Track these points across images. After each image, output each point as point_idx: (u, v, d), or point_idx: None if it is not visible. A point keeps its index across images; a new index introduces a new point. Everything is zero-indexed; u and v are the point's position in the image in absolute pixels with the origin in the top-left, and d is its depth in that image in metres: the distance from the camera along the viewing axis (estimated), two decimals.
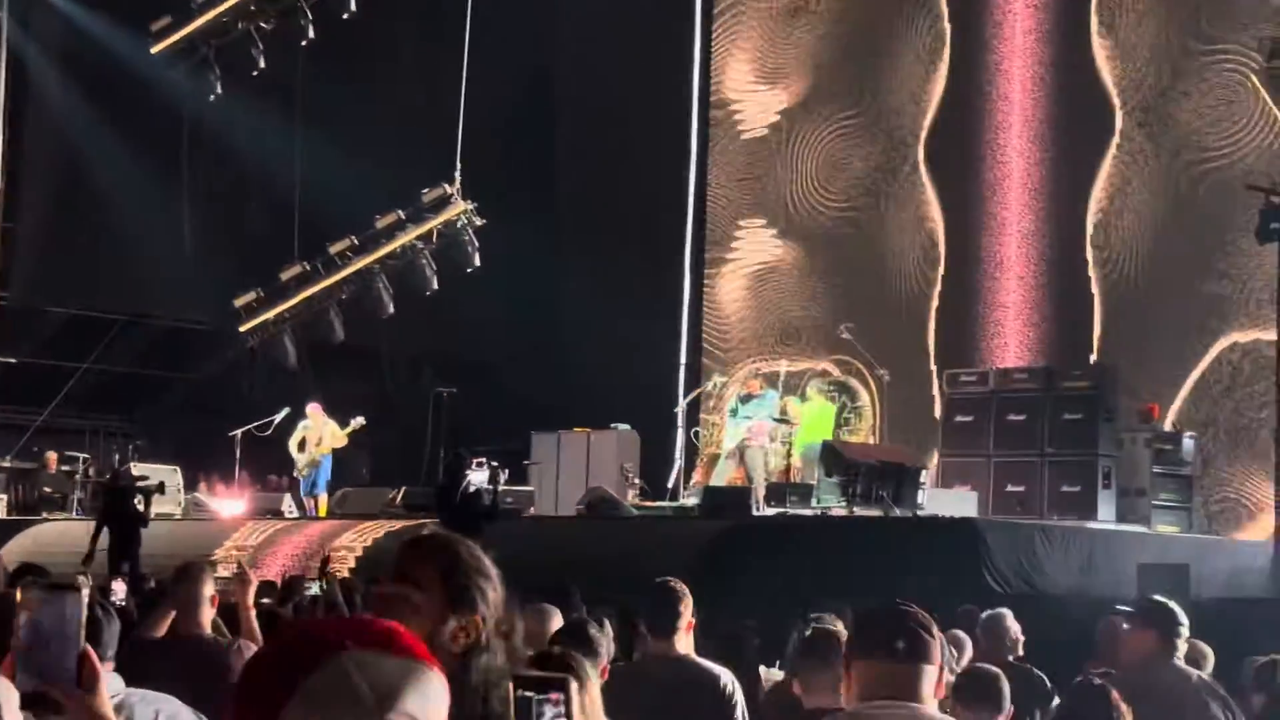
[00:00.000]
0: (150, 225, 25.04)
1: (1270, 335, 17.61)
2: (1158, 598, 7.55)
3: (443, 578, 2.95)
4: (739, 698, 6.15)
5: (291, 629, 1.96)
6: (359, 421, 21.61)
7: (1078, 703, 5.68)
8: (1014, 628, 8.90)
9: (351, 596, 8.94)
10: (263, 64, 24.57)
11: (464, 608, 2.93)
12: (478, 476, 15.62)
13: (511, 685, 2.08)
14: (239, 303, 25.41)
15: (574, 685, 2.06)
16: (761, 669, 7.49)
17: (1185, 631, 6.99)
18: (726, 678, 6.30)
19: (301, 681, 1.81)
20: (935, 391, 22.29)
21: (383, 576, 3.03)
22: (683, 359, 26.12)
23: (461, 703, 2.81)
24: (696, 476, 21.72)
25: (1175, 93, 22.04)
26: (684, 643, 6.42)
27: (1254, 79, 20.77)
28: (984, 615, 8.78)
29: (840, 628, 7.11)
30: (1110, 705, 5.49)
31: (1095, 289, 22.39)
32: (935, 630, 3.77)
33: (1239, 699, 7.67)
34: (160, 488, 19.31)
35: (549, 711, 2.03)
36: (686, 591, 6.53)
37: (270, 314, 25.41)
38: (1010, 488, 18.90)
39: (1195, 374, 21.17)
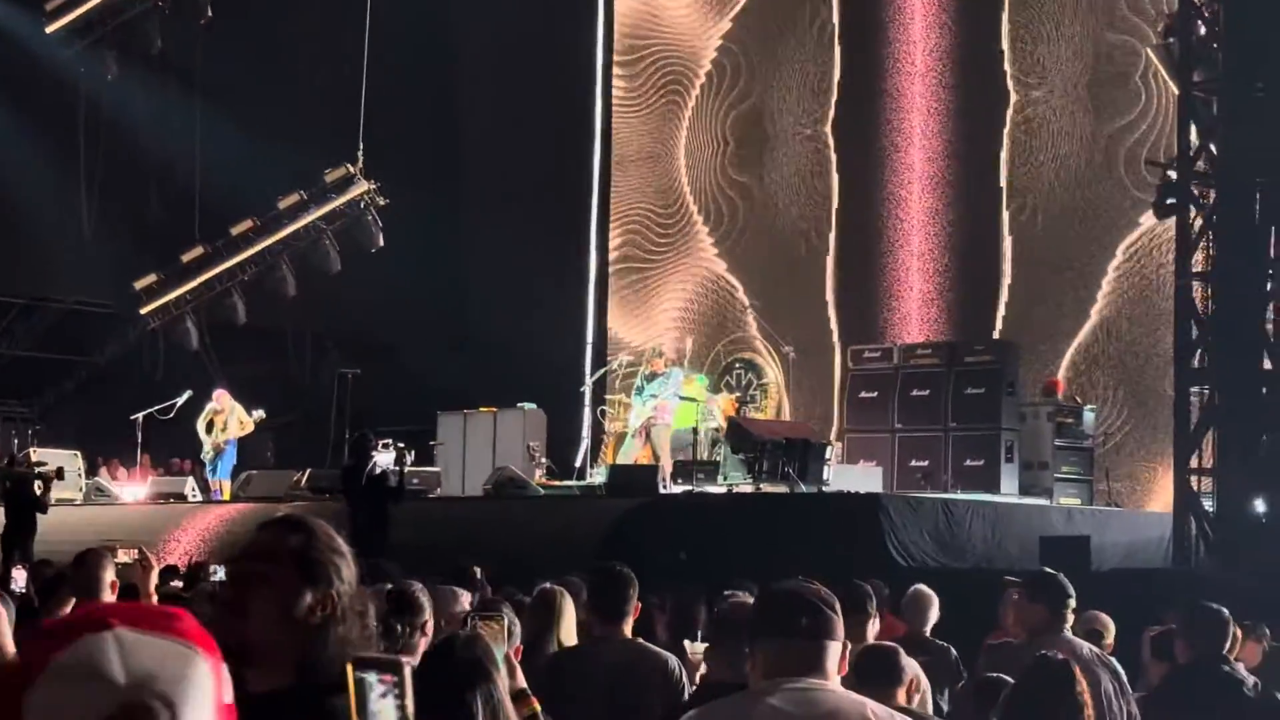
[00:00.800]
0: (47, 207, 24.69)
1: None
2: (1047, 570, 7.66)
3: (298, 553, 3.01)
4: (685, 681, 6.20)
5: (81, 608, 1.94)
6: (259, 414, 21.42)
7: (1037, 682, 5.70)
8: (929, 602, 9.02)
9: None
10: (161, 43, 24.28)
11: (319, 582, 2.98)
12: (384, 458, 15.55)
13: (350, 666, 2.08)
14: (140, 285, 25.12)
15: (407, 667, 2.08)
16: (686, 643, 7.54)
17: (1073, 603, 7.09)
18: (674, 661, 6.39)
19: (54, 657, 1.78)
20: (839, 368, 22.44)
21: (238, 553, 3.07)
22: (589, 338, 26.13)
23: (317, 673, 2.88)
24: (603, 456, 21.74)
25: (1079, 68, 22.26)
26: (630, 626, 6.52)
27: (1151, 54, 21.00)
28: (910, 591, 8.91)
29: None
30: (1074, 684, 5.54)
31: (1005, 264, 22.59)
32: (838, 607, 3.78)
33: (1138, 669, 7.79)
34: (59, 473, 19.05)
35: (380, 689, 2.06)
36: (633, 576, 6.64)
37: (172, 296, 25.14)
38: (914, 462, 19.04)
39: (1077, 341, 21.46)
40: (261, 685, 2.96)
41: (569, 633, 6.85)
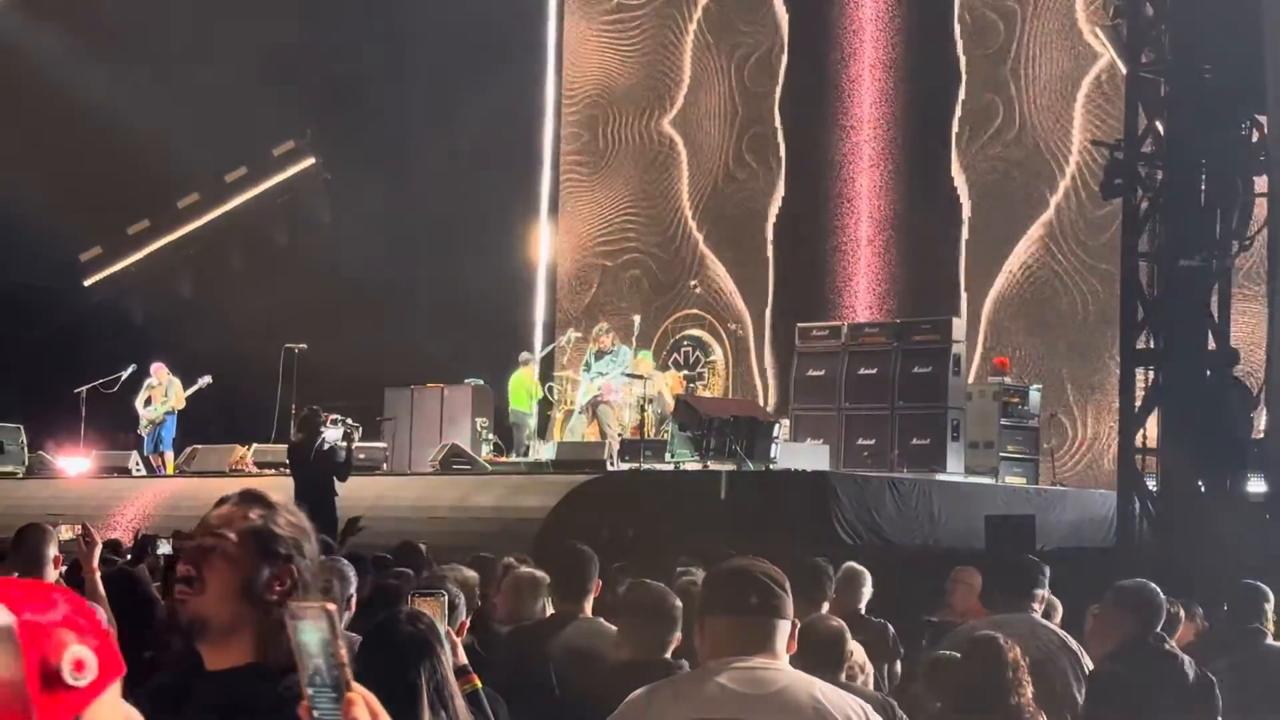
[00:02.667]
0: None
1: None
2: (1029, 557, 7.72)
3: (257, 528, 2.99)
4: None
5: None
6: (205, 381, 21.30)
7: (974, 661, 5.73)
8: (865, 581, 9.03)
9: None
10: (109, 13, 24.04)
11: (278, 558, 2.96)
12: (332, 434, 15.47)
13: (287, 615, 2.08)
14: (84, 257, 24.90)
15: (335, 612, 2.07)
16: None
17: (1040, 587, 7.20)
18: None
19: None
20: (765, 347, 22.48)
21: (198, 528, 3.05)
22: (539, 314, 26.09)
23: (276, 651, 2.86)
24: (551, 432, 21.72)
25: (1027, 45, 22.34)
26: (590, 605, 6.58)
27: (1099, 33, 21.08)
28: (842, 569, 8.89)
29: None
30: (1006, 661, 5.56)
31: (961, 243, 22.69)
32: (787, 585, 3.77)
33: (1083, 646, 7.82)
34: (0, 447, 18.89)
35: (309, 628, 2.06)
36: (594, 555, 6.71)
37: (116, 269, 24.93)
38: (861, 440, 19.09)
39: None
40: (218, 663, 2.93)
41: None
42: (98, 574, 6.31)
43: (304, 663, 2.07)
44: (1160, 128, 15.44)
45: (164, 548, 7.48)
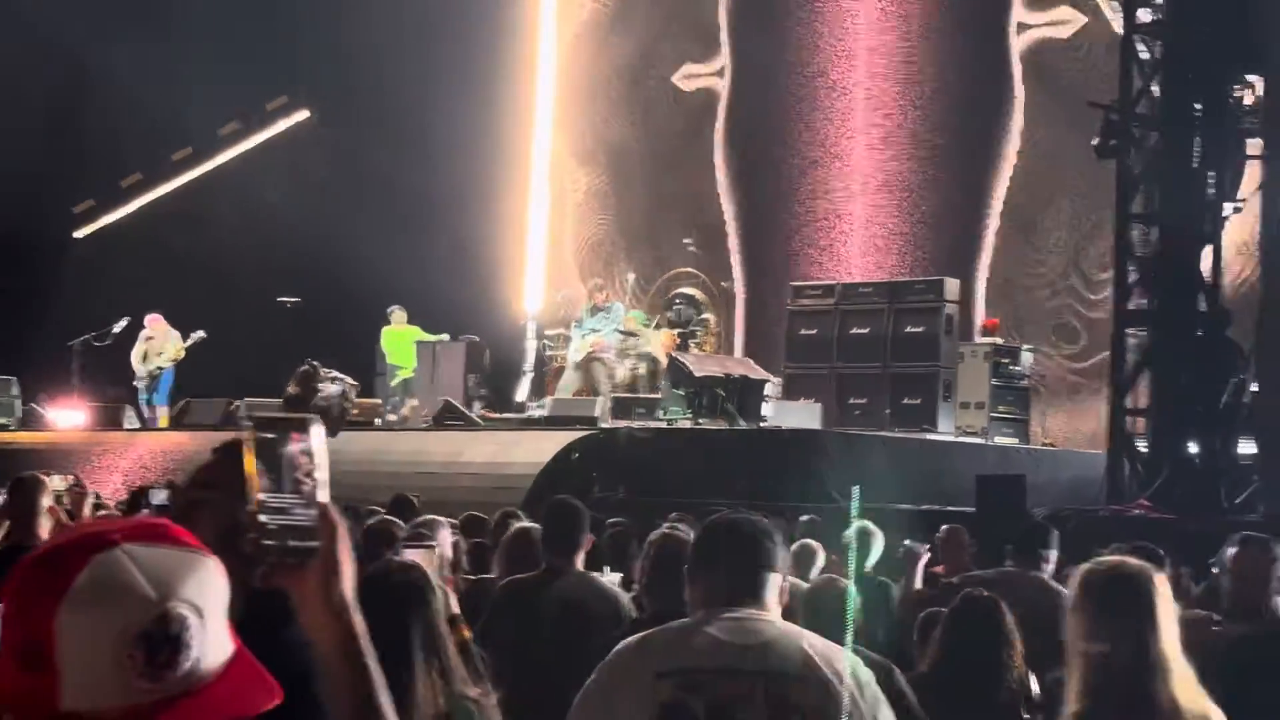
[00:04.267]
0: None
1: None
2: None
3: (244, 479, 3.00)
4: (634, 616, 6.24)
5: (65, 531, 1.92)
6: (200, 335, 21.30)
7: (965, 615, 5.78)
8: (879, 540, 9.15)
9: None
10: None
11: None
12: (330, 389, 15.50)
13: (253, 428, 1.98)
14: (77, 210, 24.86)
15: (316, 425, 1.99)
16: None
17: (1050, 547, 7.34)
18: (625, 596, 6.45)
19: (74, 580, 1.78)
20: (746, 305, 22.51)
21: (185, 478, 3.06)
22: (535, 268, 26.09)
23: (266, 604, 2.87)
24: (545, 389, 21.73)
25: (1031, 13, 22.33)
26: (581, 559, 6.62)
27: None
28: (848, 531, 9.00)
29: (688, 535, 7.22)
30: (1001, 620, 5.61)
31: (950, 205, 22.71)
32: (778, 537, 3.80)
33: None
34: None
35: (293, 446, 1.97)
36: (585, 509, 6.79)
37: (109, 221, 24.90)
38: (853, 400, 19.11)
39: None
40: None
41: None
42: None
43: (269, 474, 1.97)
44: (1155, 89, 15.44)
45: (158, 498, 7.50)
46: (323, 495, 1.97)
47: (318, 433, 1.99)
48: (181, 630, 1.78)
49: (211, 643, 1.83)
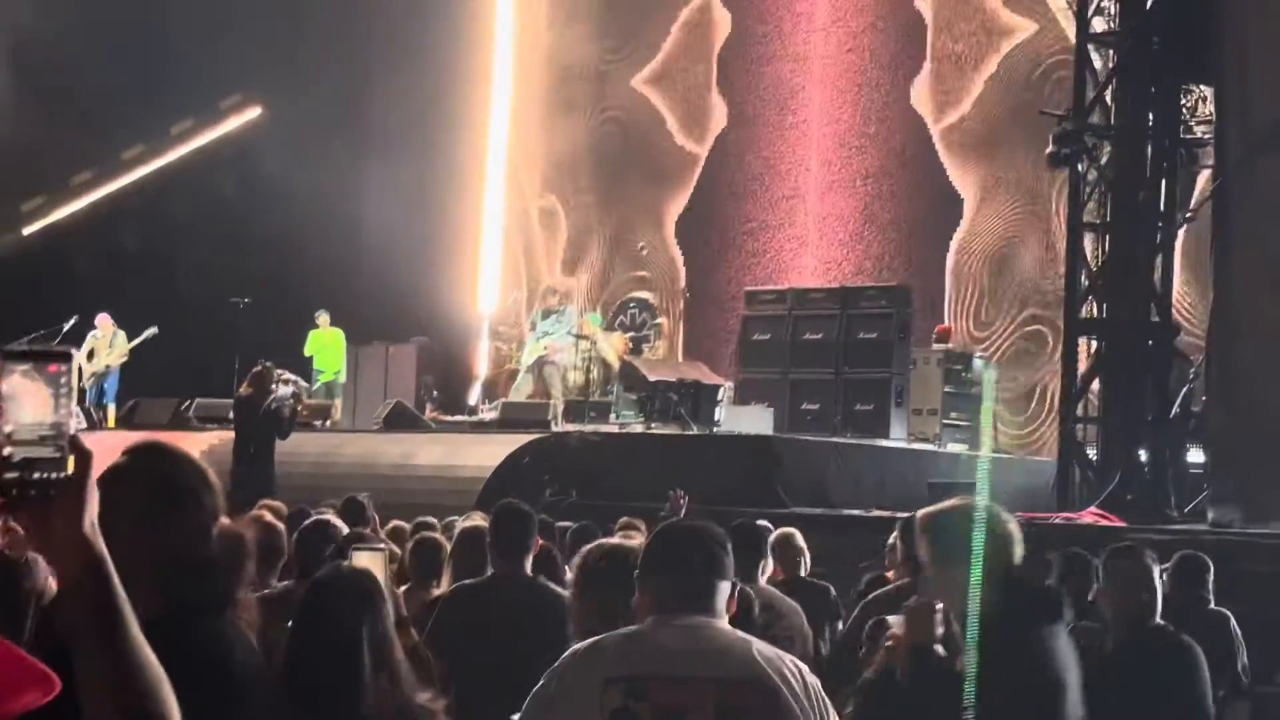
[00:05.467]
0: None
1: None
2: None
3: (159, 478, 3.10)
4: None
5: None
6: (152, 331, 21.17)
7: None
8: (803, 545, 9.08)
9: None
10: None
11: (180, 507, 3.09)
12: (282, 391, 15.45)
13: (2, 359, 1.86)
14: (26, 208, 24.64)
15: (75, 359, 1.90)
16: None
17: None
18: None
19: None
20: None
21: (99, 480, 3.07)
22: (487, 272, 26.02)
23: (184, 599, 2.98)
24: (497, 391, 21.70)
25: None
26: (529, 563, 6.58)
27: (1050, 4, 21.16)
28: (774, 535, 8.92)
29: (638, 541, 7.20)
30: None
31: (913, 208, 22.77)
32: (728, 545, 3.79)
33: None
34: None
35: (43, 378, 1.86)
36: (533, 513, 6.78)
37: (59, 219, 24.69)
38: (806, 405, 19.13)
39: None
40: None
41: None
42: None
43: (12, 411, 1.85)
44: (1108, 98, 15.52)
45: None
46: (74, 426, 1.90)
47: (71, 364, 1.90)
48: None
49: None
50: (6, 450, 1.84)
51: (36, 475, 1.86)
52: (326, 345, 21.60)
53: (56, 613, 2.62)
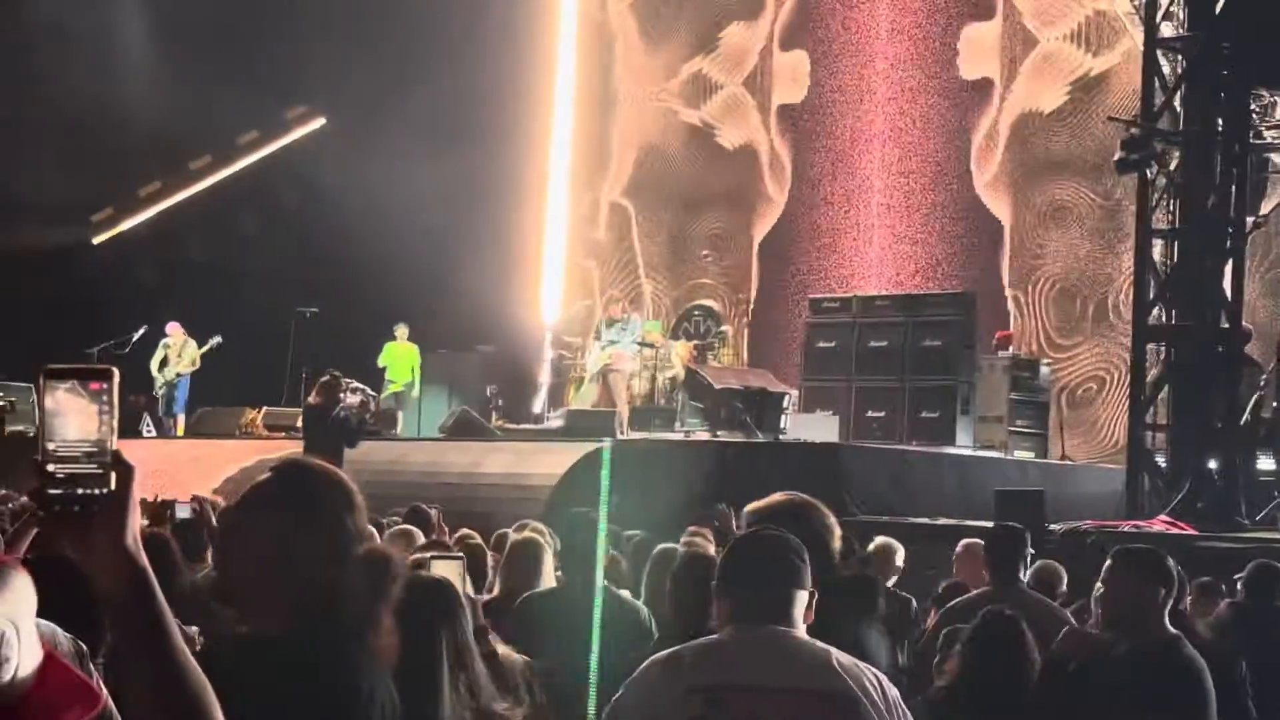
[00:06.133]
0: (2, 137, 24.41)
1: None
2: (1005, 524, 7.77)
3: (294, 497, 3.00)
4: (655, 629, 6.22)
5: None
6: (216, 341, 21.34)
7: (987, 632, 5.76)
8: (898, 558, 9.14)
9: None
10: None
11: (312, 527, 2.97)
12: (349, 401, 15.54)
13: (42, 379, 1.90)
14: (96, 218, 24.90)
15: (116, 376, 1.92)
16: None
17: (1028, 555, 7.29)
18: (645, 610, 6.42)
19: None
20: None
21: (239, 495, 3.06)
22: (552, 279, 26.08)
23: (311, 619, 2.88)
24: (562, 400, 21.75)
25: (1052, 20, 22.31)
26: (602, 572, 6.58)
27: (1118, 10, 21.03)
28: (873, 543, 9.01)
29: (709, 549, 7.20)
30: (1020, 635, 5.59)
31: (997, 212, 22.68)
32: (805, 555, 3.79)
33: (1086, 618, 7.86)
34: (11, 406, 18.91)
35: (86, 395, 1.89)
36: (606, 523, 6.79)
37: (127, 229, 24.94)
38: (871, 413, 19.05)
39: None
40: (252, 628, 2.94)
41: (549, 580, 6.87)
42: None
43: (56, 428, 1.89)
44: (1177, 104, 15.41)
45: (183, 512, 7.46)
46: (114, 442, 1.92)
47: (113, 381, 1.93)
48: (0, 645, 1.76)
49: (27, 651, 1.80)
50: (50, 466, 1.88)
51: (80, 491, 1.89)
52: (399, 358, 21.64)
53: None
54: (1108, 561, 5.66)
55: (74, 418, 1.89)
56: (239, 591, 2.94)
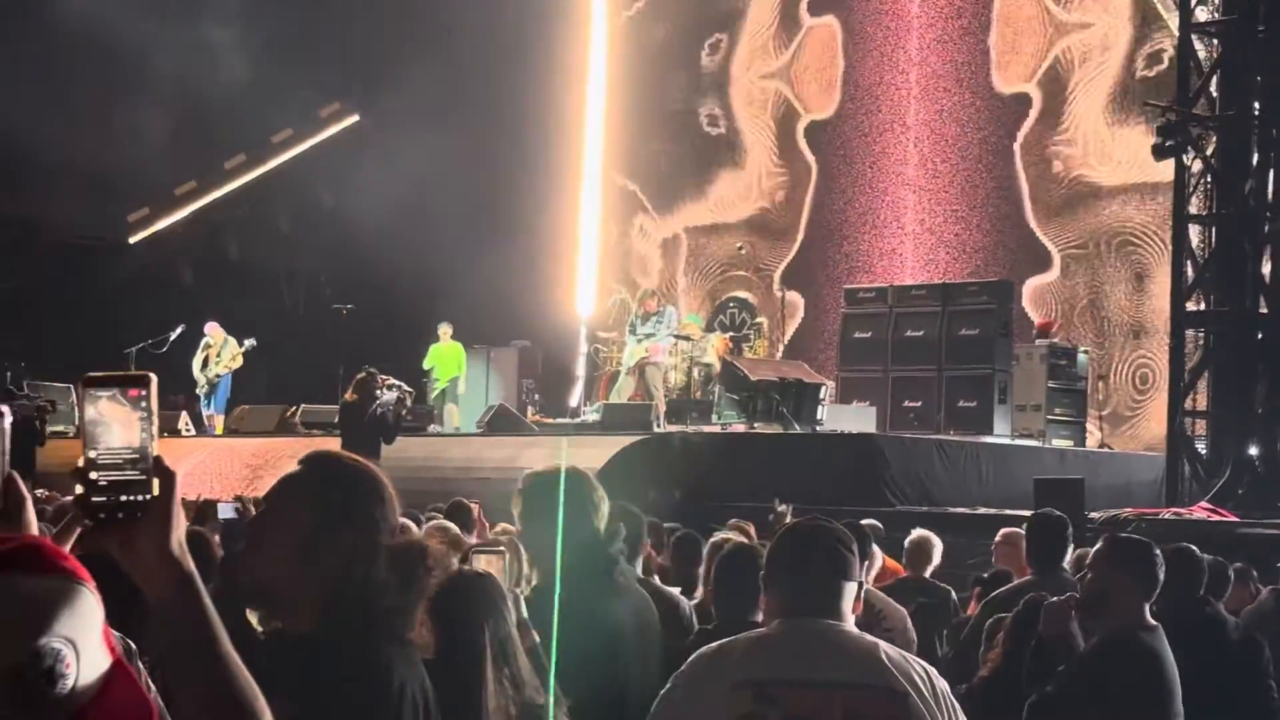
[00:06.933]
0: (39, 138, 24.53)
1: None
2: (1045, 510, 7.74)
3: (320, 492, 2.99)
4: (695, 622, 6.22)
5: None
6: (250, 342, 21.39)
7: (1029, 618, 5.73)
8: (935, 551, 9.14)
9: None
10: None
11: (338, 523, 2.95)
12: (386, 397, 15.55)
13: (80, 387, 1.90)
14: (132, 218, 25.01)
15: (154, 382, 1.92)
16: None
17: (1070, 541, 7.26)
18: (685, 603, 6.42)
19: None
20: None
21: (267, 491, 3.06)
22: (585, 275, 26.09)
23: (340, 618, 2.88)
24: (598, 394, 21.76)
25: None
26: (640, 565, 6.61)
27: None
28: (911, 535, 9.01)
29: (744, 539, 7.20)
30: (1070, 623, 5.56)
31: (1027, 201, 22.59)
32: (854, 546, 3.77)
33: None
34: (52, 406, 18.98)
35: (125, 402, 1.89)
36: (643, 515, 6.76)
37: (164, 229, 25.05)
38: (907, 403, 19.01)
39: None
40: (280, 625, 2.93)
41: None
42: None
43: (97, 436, 1.89)
44: (1213, 89, 15.33)
45: (225, 512, 7.48)
46: (155, 448, 1.92)
47: (151, 388, 1.93)
48: (55, 663, 1.75)
49: (86, 666, 1.80)
50: (93, 475, 1.88)
51: (123, 498, 1.89)
52: (446, 357, 21.61)
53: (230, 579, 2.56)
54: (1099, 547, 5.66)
55: (114, 425, 1.90)
56: (269, 588, 2.94)
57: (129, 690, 1.84)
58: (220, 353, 21.40)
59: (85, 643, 1.80)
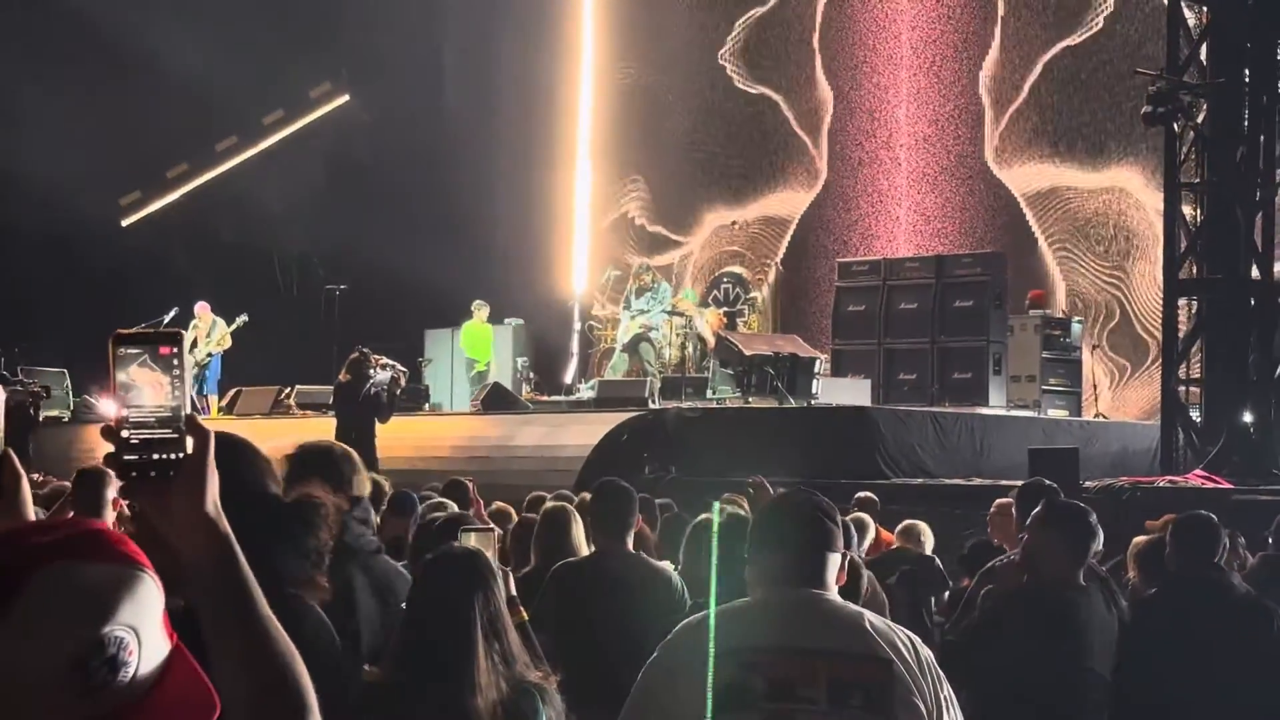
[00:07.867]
0: (31, 123, 24.49)
1: None
2: (1038, 479, 7.76)
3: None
4: (687, 595, 6.23)
5: None
6: (243, 319, 21.35)
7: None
8: (929, 536, 9.18)
9: None
10: None
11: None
12: (380, 377, 15.56)
13: (110, 345, 1.89)
14: (124, 201, 24.97)
15: (187, 340, 1.92)
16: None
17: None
18: (677, 576, 6.44)
19: (7, 604, 1.72)
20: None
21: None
22: (579, 252, 26.08)
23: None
24: (593, 370, 21.76)
25: None
26: (631, 540, 6.60)
27: None
28: (899, 528, 9.06)
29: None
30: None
31: (998, 175, 22.58)
32: (838, 517, 3.79)
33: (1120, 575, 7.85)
34: (46, 391, 18.99)
35: (157, 360, 1.88)
36: (634, 492, 6.76)
37: (156, 211, 25.01)
38: (902, 375, 19.03)
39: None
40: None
41: (579, 549, 6.88)
42: None
43: (129, 396, 1.88)
44: (1203, 56, 15.30)
45: None
46: (188, 406, 1.92)
47: (182, 345, 1.92)
48: (119, 651, 1.74)
49: (148, 653, 1.79)
50: (125, 433, 1.86)
51: (156, 456, 1.87)
52: (479, 338, 21.53)
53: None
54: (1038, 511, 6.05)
55: (145, 384, 1.88)
56: (161, 569, 2.95)
57: (189, 676, 1.83)
58: (210, 334, 21.37)
59: (147, 630, 1.78)
